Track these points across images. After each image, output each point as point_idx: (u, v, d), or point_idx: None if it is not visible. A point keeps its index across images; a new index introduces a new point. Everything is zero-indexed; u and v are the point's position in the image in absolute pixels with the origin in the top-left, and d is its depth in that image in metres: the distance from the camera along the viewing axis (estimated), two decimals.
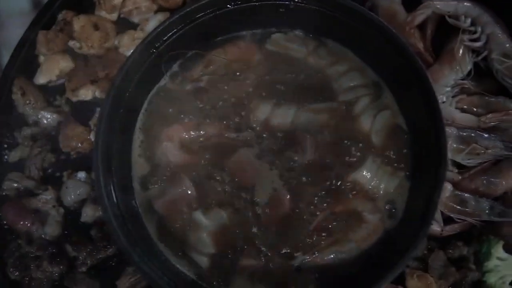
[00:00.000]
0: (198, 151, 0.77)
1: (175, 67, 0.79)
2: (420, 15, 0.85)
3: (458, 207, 0.77)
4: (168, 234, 0.76)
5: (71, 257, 0.78)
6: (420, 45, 0.83)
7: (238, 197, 0.75)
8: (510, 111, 0.80)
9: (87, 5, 0.87)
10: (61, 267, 0.79)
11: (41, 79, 0.86)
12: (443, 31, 0.84)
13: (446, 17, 0.83)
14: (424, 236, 0.69)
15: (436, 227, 0.77)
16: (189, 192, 0.75)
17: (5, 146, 0.86)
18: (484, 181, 0.75)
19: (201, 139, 0.77)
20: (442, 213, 0.78)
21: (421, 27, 0.85)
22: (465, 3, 0.83)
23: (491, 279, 0.73)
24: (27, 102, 0.84)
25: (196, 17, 0.75)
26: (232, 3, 0.77)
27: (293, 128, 0.76)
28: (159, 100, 0.80)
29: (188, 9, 0.75)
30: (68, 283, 0.79)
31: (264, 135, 0.75)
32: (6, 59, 0.94)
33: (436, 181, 0.69)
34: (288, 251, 0.72)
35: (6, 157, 0.85)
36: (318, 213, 0.74)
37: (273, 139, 0.77)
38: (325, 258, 0.72)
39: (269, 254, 0.73)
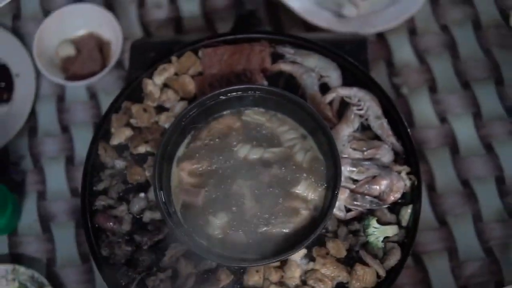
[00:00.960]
0: (200, 176, 1.17)
1: (193, 133, 1.20)
2: (329, 97, 1.23)
3: (354, 202, 1.15)
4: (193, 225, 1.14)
5: (137, 242, 1.15)
6: (329, 114, 1.21)
7: (232, 203, 1.15)
8: (379, 148, 1.18)
9: (139, 98, 1.25)
10: (132, 247, 1.16)
11: (114, 141, 1.22)
12: (343, 105, 1.24)
13: (344, 97, 1.24)
14: (329, 218, 1.08)
15: (341, 214, 1.15)
16: (200, 203, 1.14)
17: (95, 180, 1.20)
18: (367, 187, 1.16)
19: (200, 169, 1.17)
20: (344, 206, 1.16)
21: (330, 103, 1.23)
22: (355, 90, 1.23)
23: (371, 239, 1.13)
24: (107, 155, 1.21)
25: (204, 103, 1.16)
26: (222, 96, 1.17)
27: (260, 161, 1.15)
28: (183, 152, 1.20)
29: (199, 100, 1.14)
30: (137, 256, 1.14)
31: (243, 165, 1.16)
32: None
33: (336, 189, 1.08)
34: (260, 223, 1.12)
35: (95, 187, 1.20)
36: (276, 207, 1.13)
37: (249, 166, 1.15)
38: (276, 230, 1.12)
39: (251, 227, 1.12)
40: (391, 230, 1.16)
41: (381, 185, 1.18)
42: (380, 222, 1.16)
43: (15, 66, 1.54)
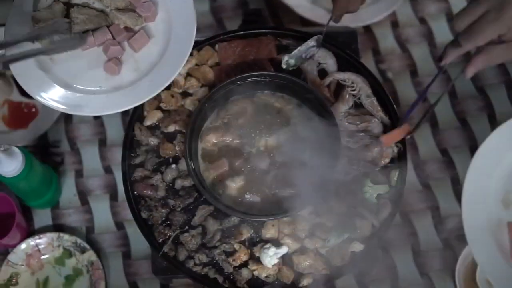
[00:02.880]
0: (222, 148, 1.35)
1: (214, 113, 1.40)
2: (327, 80, 1.40)
3: (351, 166, 1.32)
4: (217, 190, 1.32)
5: (171, 205, 1.31)
6: (328, 94, 1.38)
7: (250, 170, 1.33)
8: (370, 121, 1.35)
9: (167, 86, 1.34)
10: (167, 210, 1.32)
11: (148, 122, 1.38)
12: (338, 87, 1.40)
13: (340, 80, 1.41)
14: (330, 179, 1.26)
15: (341, 177, 1.31)
16: (226, 168, 1.33)
17: (132, 155, 1.37)
18: (362, 154, 1.34)
19: (224, 142, 1.36)
20: (344, 170, 1.32)
21: (328, 85, 1.40)
22: (349, 74, 1.40)
23: (366, 196, 1.30)
24: (142, 134, 1.36)
25: (225, 88, 1.34)
26: (239, 82, 1.35)
27: (279, 144, 1.34)
28: (207, 128, 1.37)
29: (221, 85, 1.32)
30: (171, 217, 1.31)
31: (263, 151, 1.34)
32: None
33: (337, 153, 1.28)
34: (273, 187, 1.30)
35: (133, 161, 1.36)
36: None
37: (268, 151, 1.34)
38: (291, 193, 1.30)
39: (265, 190, 1.30)
40: (383, 188, 1.35)
41: (373, 152, 1.36)
42: (373, 182, 1.35)
43: None
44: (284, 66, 1.44)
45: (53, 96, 1.26)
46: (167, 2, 1.35)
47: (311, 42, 1.43)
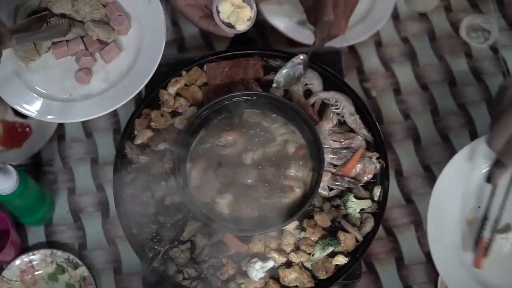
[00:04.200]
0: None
1: (203, 132, 1.42)
2: (312, 99, 1.44)
3: (335, 182, 1.36)
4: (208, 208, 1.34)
5: (161, 221, 1.35)
6: (312, 113, 1.42)
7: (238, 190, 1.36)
8: (354, 138, 1.39)
9: (157, 105, 1.44)
10: (157, 225, 1.36)
11: (138, 141, 1.41)
12: (323, 105, 1.45)
13: (324, 99, 1.45)
14: (315, 195, 1.30)
15: (325, 193, 1.36)
16: (215, 190, 1.36)
17: (124, 173, 1.40)
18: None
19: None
20: (328, 186, 1.37)
21: (313, 105, 1.44)
22: (332, 93, 1.45)
23: (350, 211, 1.33)
24: (133, 152, 1.40)
25: (212, 107, 1.37)
26: (226, 101, 1.39)
27: (265, 160, 1.38)
28: (195, 148, 1.40)
29: (209, 104, 1.35)
30: (161, 232, 1.34)
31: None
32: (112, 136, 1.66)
33: (320, 171, 1.29)
34: (261, 201, 1.33)
35: (124, 179, 1.39)
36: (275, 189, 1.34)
37: (255, 167, 1.37)
38: (274, 201, 1.34)
39: (254, 205, 1.34)
40: (366, 203, 1.39)
41: (356, 168, 1.41)
42: (356, 197, 1.39)
43: None
44: (274, 85, 1.49)
45: (24, 102, 1.35)
46: (140, 17, 1.42)
47: (296, 60, 1.48)
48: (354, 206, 1.40)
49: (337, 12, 1.41)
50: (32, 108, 1.35)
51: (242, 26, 1.36)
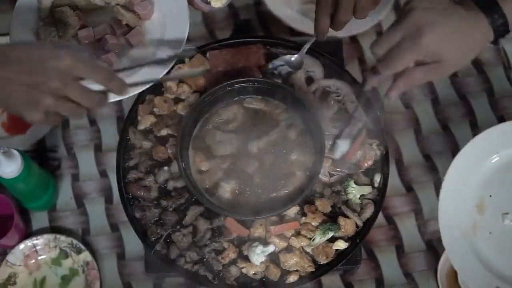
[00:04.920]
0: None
1: (205, 118, 1.43)
2: (313, 86, 1.46)
3: (336, 168, 1.38)
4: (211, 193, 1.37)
5: (163, 205, 1.37)
6: (313, 100, 1.43)
7: (241, 175, 1.38)
8: (353, 126, 1.41)
9: (160, 92, 1.45)
10: (159, 210, 1.37)
11: (141, 126, 1.43)
12: (325, 93, 1.46)
13: (325, 87, 1.46)
14: (315, 180, 1.33)
15: (326, 179, 1.38)
16: (218, 175, 1.38)
17: (127, 158, 1.42)
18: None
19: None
20: (328, 172, 1.39)
21: (314, 92, 1.47)
22: (333, 80, 1.46)
23: (350, 196, 1.35)
24: (136, 138, 1.41)
25: (214, 93, 1.39)
26: (228, 87, 1.41)
27: (268, 146, 1.39)
28: (198, 131, 1.42)
29: (211, 90, 1.37)
30: (163, 217, 1.36)
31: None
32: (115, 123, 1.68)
33: (321, 157, 1.33)
34: (264, 186, 1.36)
35: (127, 164, 1.41)
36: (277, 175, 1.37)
37: (258, 153, 1.39)
38: (276, 187, 1.36)
39: (256, 191, 1.36)
40: (366, 189, 1.41)
41: (357, 155, 1.44)
42: (356, 183, 1.41)
43: None
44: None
45: None
46: (162, 3, 1.43)
47: (277, 62, 1.51)
48: (355, 192, 1.41)
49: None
50: None
51: (217, 3, 1.37)
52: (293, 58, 1.50)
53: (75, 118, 1.08)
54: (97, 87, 1.12)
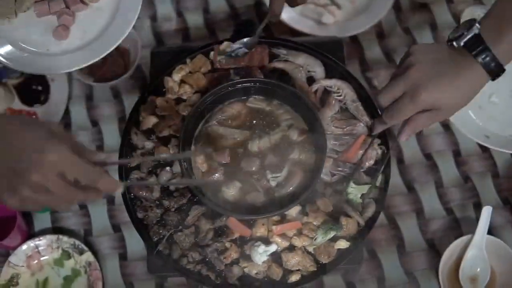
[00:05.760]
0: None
1: (208, 116, 1.43)
2: (315, 86, 1.46)
3: (337, 168, 1.38)
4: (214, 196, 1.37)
5: (165, 206, 1.37)
6: (315, 100, 1.44)
7: (242, 175, 1.38)
8: (356, 125, 1.41)
9: (161, 92, 1.47)
10: (161, 210, 1.37)
11: (143, 127, 1.43)
12: (326, 93, 1.46)
13: (326, 87, 1.47)
14: (317, 180, 1.32)
15: (327, 178, 1.38)
16: (220, 175, 1.37)
17: (129, 158, 1.43)
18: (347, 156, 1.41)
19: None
20: (330, 172, 1.39)
21: (315, 92, 1.46)
22: (334, 80, 1.46)
23: (351, 196, 1.36)
24: (138, 138, 1.42)
25: (217, 93, 1.38)
26: (230, 87, 1.42)
27: (270, 146, 1.40)
28: (200, 131, 1.43)
29: (213, 90, 1.37)
30: (165, 217, 1.37)
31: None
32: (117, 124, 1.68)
33: (322, 157, 1.32)
34: (266, 187, 1.36)
35: (130, 164, 1.43)
36: (278, 175, 1.37)
37: (260, 153, 1.39)
38: (278, 186, 1.36)
39: (259, 190, 1.36)
40: (366, 188, 1.41)
41: (358, 154, 1.44)
42: (356, 183, 1.41)
43: None
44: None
45: (1, 51, 1.40)
46: None
47: (235, 46, 1.54)
48: (355, 191, 1.41)
49: None
50: (10, 58, 1.41)
51: None
52: (248, 40, 1.53)
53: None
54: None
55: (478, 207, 1.62)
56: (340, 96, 1.49)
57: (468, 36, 1.17)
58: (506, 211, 1.65)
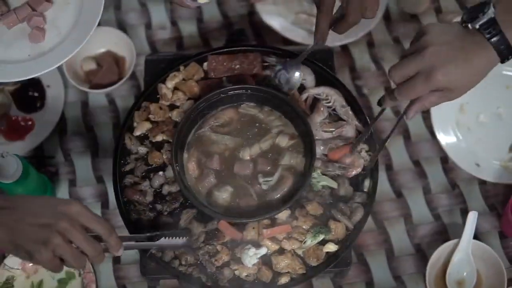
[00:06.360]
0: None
1: (200, 122, 1.46)
2: (304, 96, 1.49)
3: (326, 169, 1.41)
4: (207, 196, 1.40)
5: (158, 209, 1.40)
6: (304, 107, 1.47)
7: (233, 179, 1.41)
8: (344, 126, 1.44)
9: (155, 98, 1.49)
10: (154, 213, 1.39)
11: (137, 132, 1.46)
12: (315, 99, 1.49)
13: (315, 95, 1.50)
14: (307, 184, 1.36)
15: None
16: (212, 180, 1.40)
17: (123, 163, 1.44)
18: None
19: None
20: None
21: (306, 99, 1.49)
22: (322, 88, 1.50)
23: (313, 181, 1.41)
24: (132, 143, 1.44)
25: (209, 99, 1.42)
26: (222, 94, 1.44)
27: (261, 152, 1.43)
28: (193, 136, 1.45)
29: (206, 96, 1.40)
30: (158, 220, 1.39)
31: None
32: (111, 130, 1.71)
33: (312, 160, 1.35)
34: (257, 192, 1.39)
35: (123, 169, 1.44)
36: (270, 179, 1.41)
37: (251, 159, 1.42)
38: (268, 191, 1.39)
39: (250, 195, 1.40)
40: (330, 182, 1.45)
41: (346, 161, 1.47)
42: (324, 174, 1.45)
43: (46, 79, 1.80)
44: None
45: None
46: None
47: (277, 68, 1.50)
48: (318, 179, 1.44)
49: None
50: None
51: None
52: (291, 65, 1.50)
53: (76, 266, 1.14)
54: None
55: (465, 213, 1.64)
56: (329, 102, 1.52)
57: (484, 20, 1.18)
58: (492, 217, 1.68)
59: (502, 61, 1.21)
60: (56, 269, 1.15)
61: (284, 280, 1.40)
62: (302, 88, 1.56)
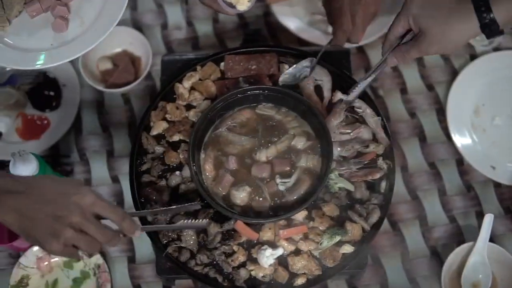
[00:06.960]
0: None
1: (217, 122, 1.46)
2: (341, 105, 1.46)
3: (340, 168, 1.41)
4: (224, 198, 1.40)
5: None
6: (322, 109, 1.46)
7: (250, 180, 1.41)
8: (360, 127, 1.44)
9: (172, 98, 1.49)
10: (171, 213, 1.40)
11: (154, 132, 1.46)
12: (331, 104, 1.48)
13: (355, 108, 1.47)
14: (323, 185, 1.35)
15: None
16: (230, 178, 1.41)
17: (139, 162, 1.45)
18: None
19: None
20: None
21: (322, 100, 1.50)
22: (357, 100, 1.47)
23: (330, 182, 1.40)
24: (148, 143, 1.45)
25: (226, 99, 1.42)
26: (240, 94, 1.45)
27: (276, 150, 1.44)
28: (209, 137, 1.46)
29: (223, 96, 1.41)
30: (174, 219, 1.38)
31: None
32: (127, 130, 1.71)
33: (329, 161, 1.35)
34: (275, 193, 1.40)
35: (140, 168, 1.44)
36: (287, 181, 1.41)
37: (268, 160, 1.42)
38: (287, 198, 1.39)
39: (267, 196, 1.39)
40: (347, 184, 1.45)
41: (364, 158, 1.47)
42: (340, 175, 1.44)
43: (62, 79, 1.81)
44: (280, 83, 1.54)
45: (9, 60, 1.39)
46: None
47: (305, 63, 1.54)
48: (336, 180, 1.43)
49: (356, 22, 1.49)
50: (19, 61, 1.39)
51: (243, 6, 1.38)
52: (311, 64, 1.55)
53: (90, 252, 1.16)
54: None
55: (480, 215, 1.64)
56: (362, 112, 1.51)
57: None
58: (507, 219, 1.68)
59: (487, 36, 1.21)
60: (70, 256, 1.17)
61: (300, 281, 1.41)
62: (318, 89, 1.56)
